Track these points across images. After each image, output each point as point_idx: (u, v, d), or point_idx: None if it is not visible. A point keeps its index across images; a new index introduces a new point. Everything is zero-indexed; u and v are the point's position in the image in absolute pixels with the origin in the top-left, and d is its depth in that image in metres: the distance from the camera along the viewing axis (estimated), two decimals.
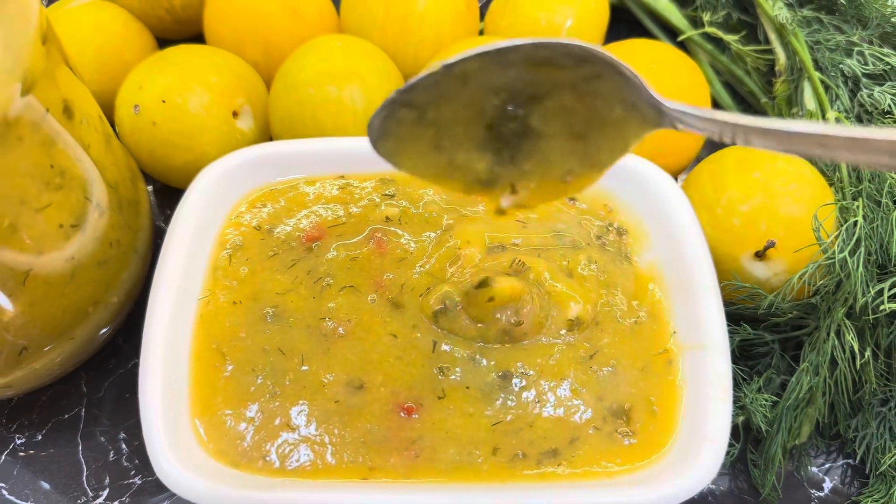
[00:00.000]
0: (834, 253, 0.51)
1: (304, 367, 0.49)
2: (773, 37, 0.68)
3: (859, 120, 0.62)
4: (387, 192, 0.56)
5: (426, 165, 0.41)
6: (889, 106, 0.60)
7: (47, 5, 0.71)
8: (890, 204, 0.54)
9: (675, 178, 0.61)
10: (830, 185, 0.58)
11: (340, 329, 0.50)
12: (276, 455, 0.46)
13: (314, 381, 0.49)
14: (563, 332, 0.50)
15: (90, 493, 0.54)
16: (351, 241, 0.54)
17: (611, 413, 0.48)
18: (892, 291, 0.50)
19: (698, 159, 0.63)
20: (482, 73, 0.37)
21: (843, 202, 0.55)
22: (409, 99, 0.38)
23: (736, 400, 0.54)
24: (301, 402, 0.48)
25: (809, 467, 0.56)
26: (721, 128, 0.35)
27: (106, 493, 0.54)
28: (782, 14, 0.66)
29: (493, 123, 0.40)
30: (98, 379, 0.58)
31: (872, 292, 0.50)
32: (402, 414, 0.47)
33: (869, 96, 0.61)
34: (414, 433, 0.47)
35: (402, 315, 0.51)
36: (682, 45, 0.74)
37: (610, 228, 0.55)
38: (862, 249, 0.51)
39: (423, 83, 0.37)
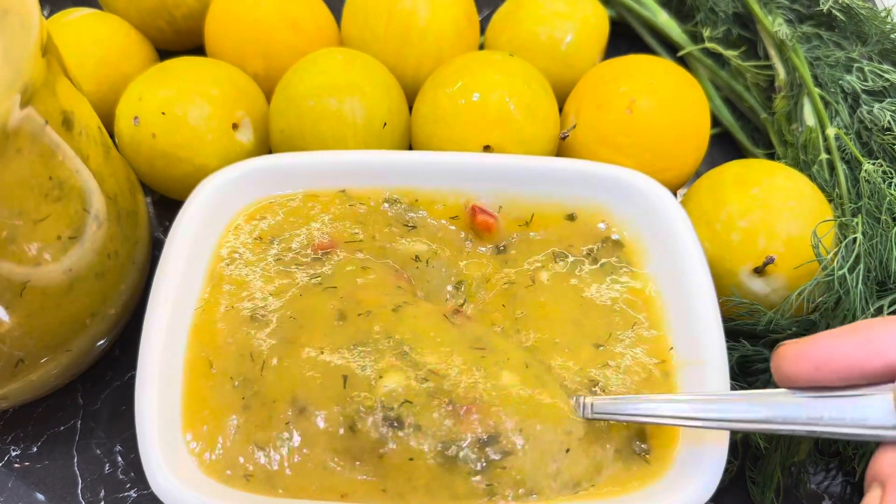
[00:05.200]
0: (833, 269, 0.51)
1: (262, 373, 0.48)
2: (772, 52, 0.68)
3: (859, 136, 0.62)
4: (406, 224, 0.56)
5: None
6: (889, 122, 0.60)
7: (48, 16, 0.71)
8: (889, 221, 0.54)
9: (675, 193, 0.61)
10: (830, 201, 0.58)
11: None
12: (254, 471, 0.45)
13: (269, 392, 0.47)
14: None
15: None
16: (365, 257, 0.54)
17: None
18: (891, 308, 0.50)
19: (698, 174, 0.63)
20: None
21: (843, 219, 0.55)
22: None
23: None
24: (262, 414, 0.47)
25: (808, 485, 0.56)
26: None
27: None
28: (782, 30, 0.66)
29: None
30: (94, 391, 0.58)
31: (872, 309, 0.50)
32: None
33: (868, 112, 0.61)
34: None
35: None
36: (682, 61, 0.74)
37: (606, 242, 0.55)
38: (861, 266, 0.51)
39: None
